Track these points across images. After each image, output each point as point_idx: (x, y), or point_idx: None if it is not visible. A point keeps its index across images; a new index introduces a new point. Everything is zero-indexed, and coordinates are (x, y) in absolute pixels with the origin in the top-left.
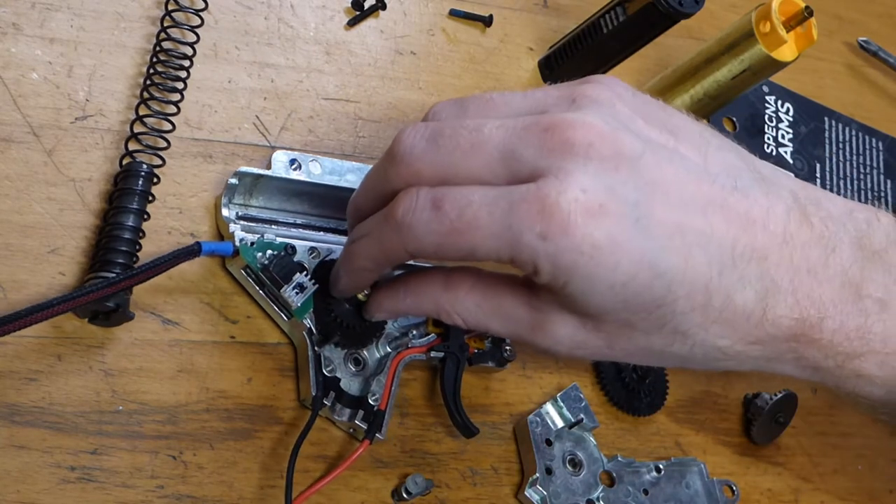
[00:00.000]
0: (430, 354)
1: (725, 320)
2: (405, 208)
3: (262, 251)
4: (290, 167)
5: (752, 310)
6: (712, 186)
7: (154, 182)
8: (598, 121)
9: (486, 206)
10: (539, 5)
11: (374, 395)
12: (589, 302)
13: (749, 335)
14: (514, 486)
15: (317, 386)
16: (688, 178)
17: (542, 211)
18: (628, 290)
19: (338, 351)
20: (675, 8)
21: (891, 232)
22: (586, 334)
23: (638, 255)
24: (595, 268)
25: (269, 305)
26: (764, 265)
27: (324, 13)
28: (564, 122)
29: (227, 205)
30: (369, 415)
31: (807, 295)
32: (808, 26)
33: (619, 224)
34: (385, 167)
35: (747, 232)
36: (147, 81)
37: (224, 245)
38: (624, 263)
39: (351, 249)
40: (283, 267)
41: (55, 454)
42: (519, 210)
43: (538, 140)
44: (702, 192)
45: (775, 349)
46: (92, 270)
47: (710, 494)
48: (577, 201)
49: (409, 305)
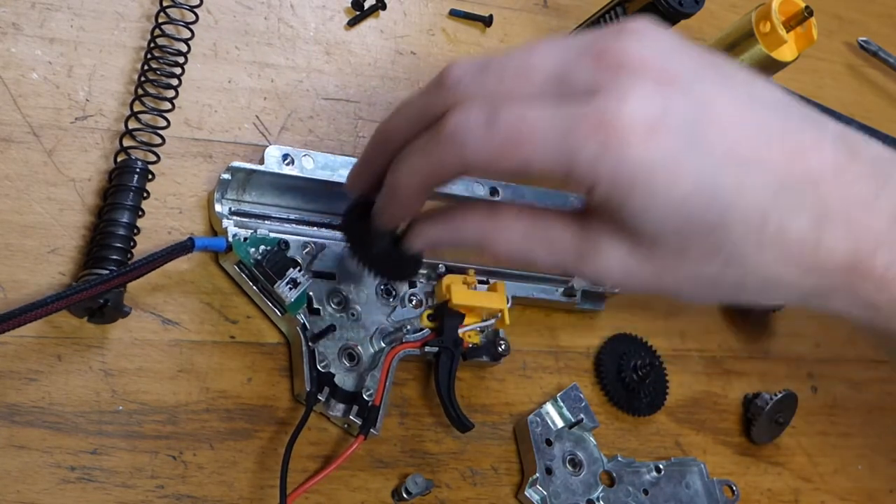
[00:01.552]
0: (424, 349)
1: (780, 246)
2: (457, 121)
3: (255, 246)
4: (283, 162)
5: (807, 236)
6: (763, 114)
7: (149, 178)
8: (647, 46)
9: (541, 120)
10: (539, 5)
11: (368, 391)
12: (645, 222)
13: (803, 263)
14: (514, 486)
15: (311, 381)
16: (738, 104)
17: (599, 125)
18: (685, 209)
19: (332, 346)
20: (675, 8)
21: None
22: (638, 262)
23: (695, 173)
24: (653, 183)
25: (262, 301)
26: (817, 192)
27: (324, 13)
28: (617, 45)
29: (220, 200)
30: (364, 410)
31: (860, 224)
32: (808, 26)
33: (676, 141)
34: (430, 92)
35: (799, 159)
36: (142, 78)
37: (217, 240)
38: (681, 181)
39: (395, 174)
40: (277, 262)
41: (55, 454)
42: (576, 124)
43: (591, 62)
44: (753, 118)
45: (829, 281)
46: (86, 267)
47: (710, 494)
48: (635, 115)
49: (452, 233)
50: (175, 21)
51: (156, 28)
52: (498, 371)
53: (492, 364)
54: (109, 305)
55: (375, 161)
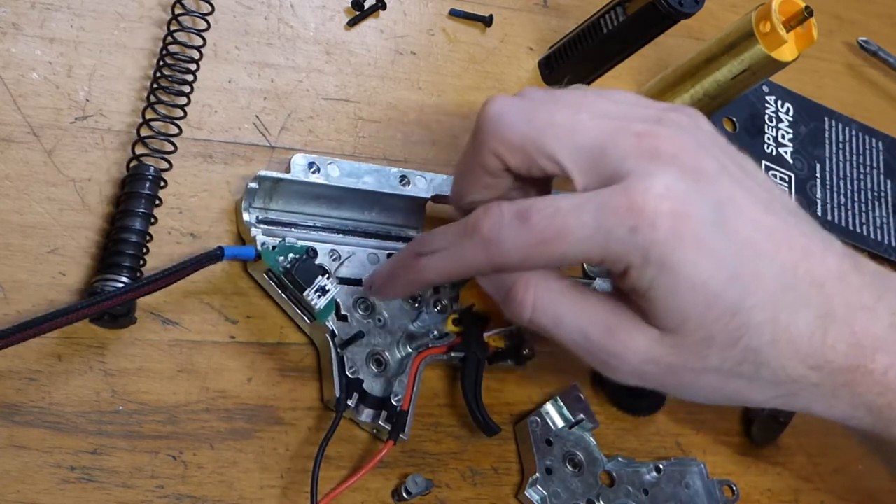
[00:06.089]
0: (450, 354)
1: (790, 339)
2: (491, 224)
3: (283, 255)
4: (309, 170)
5: (813, 331)
6: (777, 217)
7: (161, 186)
8: (683, 138)
9: (573, 212)
10: (539, 5)
11: (396, 396)
12: (672, 306)
13: (809, 357)
14: (514, 486)
15: (340, 388)
16: (757, 203)
17: (630, 207)
18: (708, 290)
19: (360, 352)
20: (675, 8)
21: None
22: (662, 351)
23: (716, 256)
24: (680, 264)
25: (291, 308)
26: (822, 293)
27: (324, 13)
28: (654, 132)
29: (248, 209)
30: (392, 415)
31: (862, 326)
32: (808, 26)
33: (700, 224)
34: (473, 137)
35: (807, 261)
36: (154, 85)
37: (246, 249)
38: (704, 262)
39: (422, 262)
40: (306, 270)
41: (55, 454)
42: (608, 209)
43: (628, 142)
44: (769, 218)
45: (832, 380)
46: (99, 273)
47: (710, 494)
48: (664, 199)
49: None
50: (188, 28)
51: (168, 35)
52: (498, 371)
53: (517, 368)
54: (125, 313)
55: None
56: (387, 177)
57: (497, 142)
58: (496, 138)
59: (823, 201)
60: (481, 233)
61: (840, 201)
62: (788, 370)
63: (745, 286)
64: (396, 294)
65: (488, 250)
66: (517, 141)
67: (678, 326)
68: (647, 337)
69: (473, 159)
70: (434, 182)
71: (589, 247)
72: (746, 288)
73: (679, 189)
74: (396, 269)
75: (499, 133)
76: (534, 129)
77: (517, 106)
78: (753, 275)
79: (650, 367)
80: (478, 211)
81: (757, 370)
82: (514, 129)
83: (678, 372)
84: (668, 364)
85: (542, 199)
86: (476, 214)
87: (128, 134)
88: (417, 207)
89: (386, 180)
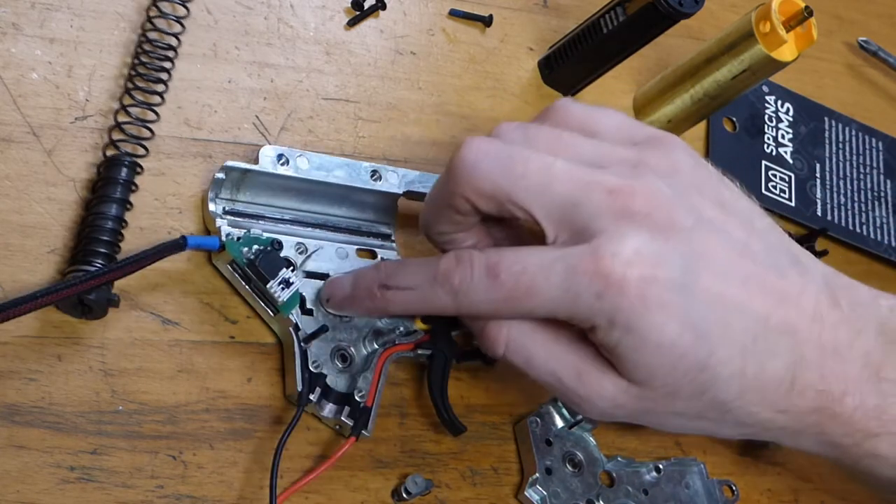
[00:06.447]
0: (417, 351)
1: (758, 388)
2: (462, 276)
3: (248, 246)
4: (278, 162)
5: (782, 378)
6: (753, 262)
7: (137, 172)
8: (658, 191)
9: (542, 271)
10: (539, 5)
11: (360, 392)
12: (639, 363)
13: (777, 403)
14: (514, 486)
15: (302, 382)
16: (731, 252)
17: (598, 272)
18: (675, 351)
19: (324, 347)
20: (675, 8)
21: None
22: (629, 399)
23: (683, 317)
24: (646, 328)
25: (255, 301)
26: (794, 339)
27: (324, 13)
28: (628, 188)
29: (214, 199)
30: (355, 411)
31: (831, 371)
32: (808, 26)
33: (667, 288)
34: (446, 177)
35: (781, 307)
36: (132, 72)
37: (210, 239)
38: (670, 324)
39: (388, 295)
40: (270, 262)
41: (55, 454)
42: (576, 272)
43: (600, 199)
44: (743, 266)
45: (800, 421)
46: (73, 262)
47: (710, 494)
48: (631, 264)
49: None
50: (166, 15)
51: (146, 22)
52: (498, 371)
53: (486, 368)
54: (95, 301)
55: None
56: (358, 171)
57: (469, 190)
58: (469, 186)
59: (823, 201)
60: (451, 284)
61: (840, 201)
62: (755, 415)
63: (712, 344)
64: (353, 314)
65: (457, 300)
66: (489, 190)
67: (645, 381)
68: (614, 386)
69: (444, 200)
70: (406, 178)
71: (556, 306)
72: (714, 345)
73: (649, 251)
74: (360, 293)
75: (472, 182)
76: (507, 180)
77: (491, 154)
78: (722, 331)
79: (619, 411)
80: (449, 259)
81: (723, 416)
82: (488, 180)
83: (647, 414)
84: (635, 408)
85: (512, 254)
86: (448, 263)
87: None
88: (389, 203)
89: (357, 174)
